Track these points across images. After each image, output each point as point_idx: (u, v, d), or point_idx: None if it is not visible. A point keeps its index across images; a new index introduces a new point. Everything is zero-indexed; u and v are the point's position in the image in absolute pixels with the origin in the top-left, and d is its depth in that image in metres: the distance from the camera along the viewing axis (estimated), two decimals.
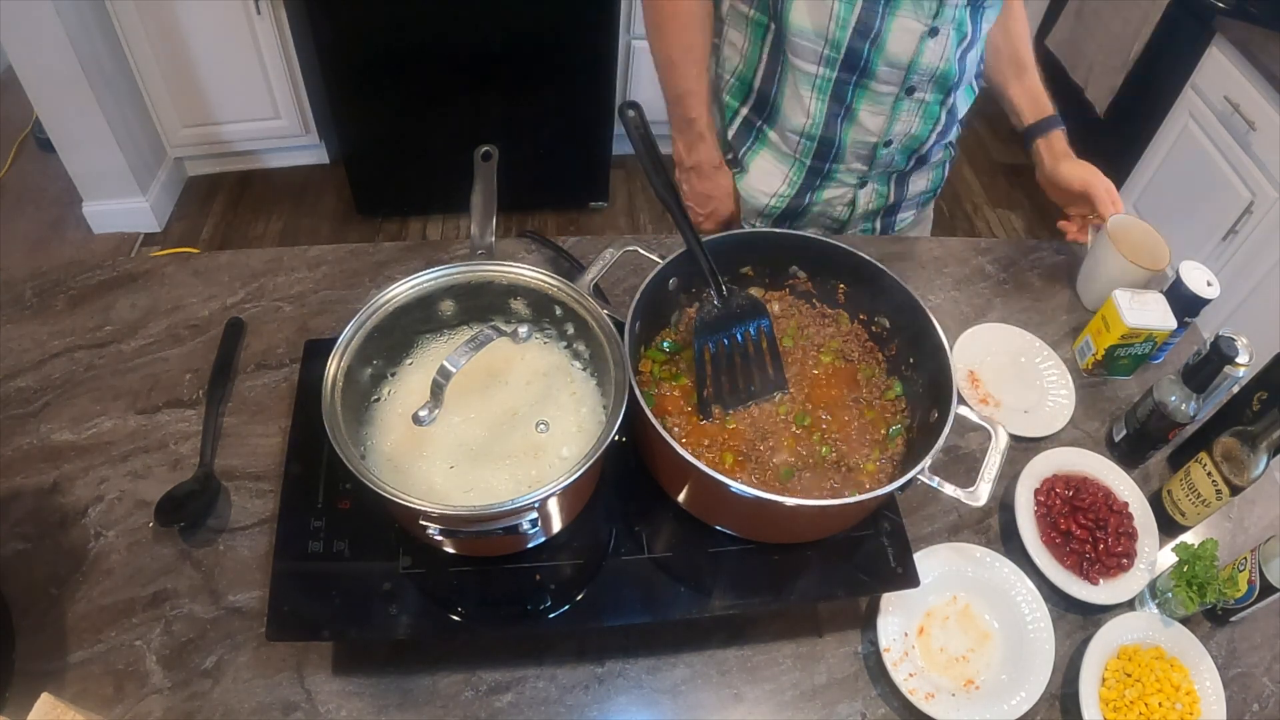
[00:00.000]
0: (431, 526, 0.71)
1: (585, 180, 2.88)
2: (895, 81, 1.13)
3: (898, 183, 1.31)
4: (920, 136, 1.22)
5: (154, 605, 0.84)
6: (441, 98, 2.50)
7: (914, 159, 1.27)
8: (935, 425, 0.80)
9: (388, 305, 0.80)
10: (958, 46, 1.12)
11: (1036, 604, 0.89)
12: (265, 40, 2.53)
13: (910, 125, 1.20)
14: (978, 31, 1.15)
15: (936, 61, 1.12)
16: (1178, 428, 1.00)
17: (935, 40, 1.09)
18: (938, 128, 1.22)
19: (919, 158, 1.27)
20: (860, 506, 0.78)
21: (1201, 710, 0.86)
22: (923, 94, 1.16)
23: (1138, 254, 1.16)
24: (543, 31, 2.38)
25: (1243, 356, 0.99)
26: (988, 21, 1.16)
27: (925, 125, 1.21)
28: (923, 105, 1.18)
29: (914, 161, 1.27)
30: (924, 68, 1.12)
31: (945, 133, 1.24)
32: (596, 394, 0.84)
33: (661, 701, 0.83)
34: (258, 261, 1.15)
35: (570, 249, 1.17)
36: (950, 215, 3.05)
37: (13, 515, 0.89)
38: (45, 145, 2.64)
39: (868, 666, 0.86)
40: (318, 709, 0.79)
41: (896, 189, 1.31)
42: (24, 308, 1.08)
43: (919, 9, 1.06)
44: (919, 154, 1.26)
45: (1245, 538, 1.03)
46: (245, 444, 0.96)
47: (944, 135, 1.25)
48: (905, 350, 0.92)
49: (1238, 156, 2.18)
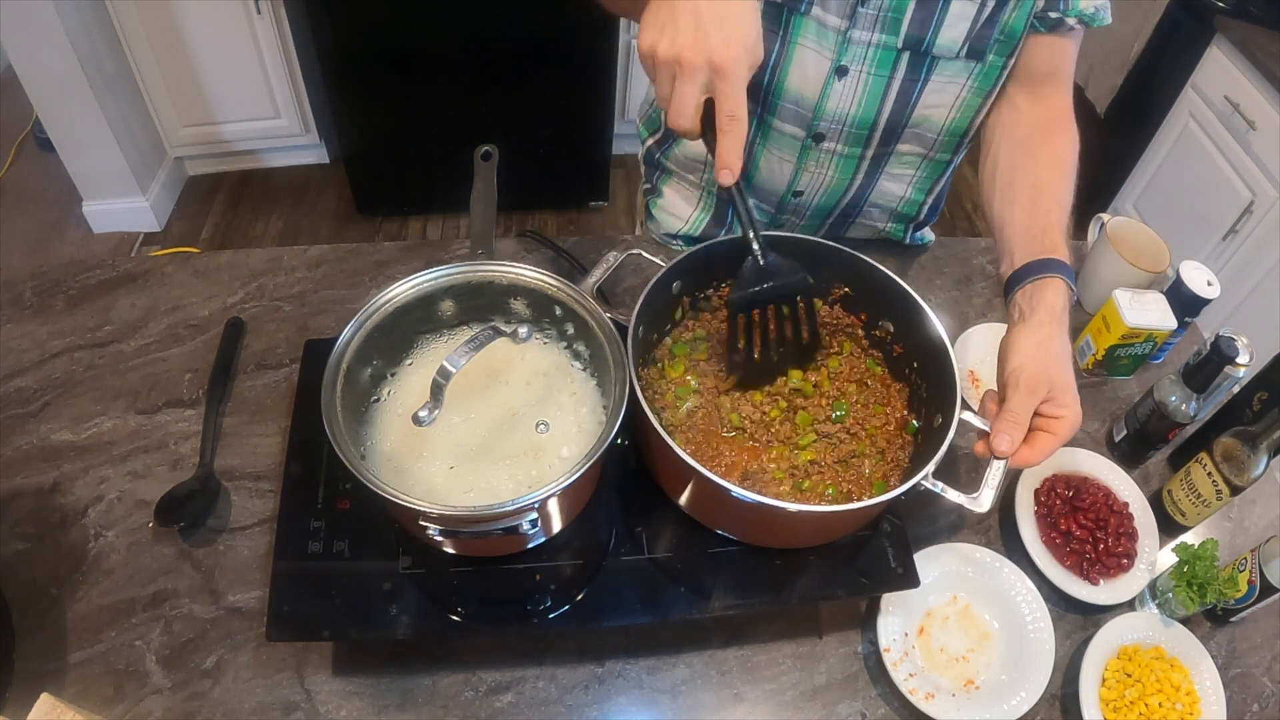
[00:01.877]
0: (431, 527, 0.70)
1: (585, 180, 2.88)
2: (800, 124, 1.00)
3: (829, 235, 1.16)
4: (837, 189, 1.08)
5: (154, 605, 0.84)
6: (441, 98, 2.50)
7: (835, 213, 1.14)
8: (939, 430, 0.80)
9: (388, 305, 0.80)
10: (880, 95, 0.96)
11: (1036, 604, 0.89)
12: (265, 40, 2.53)
13: (821, 179, 1.07)
14: (917, 90, 0.97)
15: (848, 107, 0.97)
16: (1178, 428, 1.00)
17: (844, 82, 0.95)
18: (857, 180, 1.07)
19: (843, 212, 1.14)
20: (863, 512, 0.78)
21: (1201, 710, 0.86)
22: (834, 144, 1.02)
23: (1138, 256, 1.16)
24: (543, 31, 2.38)
25: (1243, 356, 0.99)
26: (944, 88, 0.97)
27: (840, 178, 1.07)
28: (836, 157, 1.04)
29: (837, 216, 1.15)
30: (832, 113, 0.98)
31: (870, 186, 1.09)
32: (596, 394, 0.84)
33: (661, 701, 0.83)
34: (258, 261, 1.15)
35: (570, 249, 1.17)
36: (950, 215, 3.05)
37: (13, 515, 0.89)
38: (45, 145, 2.64)
39: (868, 666, 0.86)
40: (318, 709, 0.79)
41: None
42: (24, 308, 1.08)
43: (822, 40, 0.92)
44: (841, 208, 1.13)
45: (1245, 538, 1.03)
46: (245, 444, 0.96)
47: (869, 189, 1.09)
48: (909, 354, 0.92)
49: (1238, 156, 2.18)
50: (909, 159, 1.08)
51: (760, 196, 1.14)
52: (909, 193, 1.14)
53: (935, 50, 0.92)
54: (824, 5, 0.91)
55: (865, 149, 1.04)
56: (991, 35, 0.92)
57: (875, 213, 1.17)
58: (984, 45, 0.93)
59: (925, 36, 0.91)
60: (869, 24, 0.91)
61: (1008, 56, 0.95)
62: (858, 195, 1.12)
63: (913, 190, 1.14)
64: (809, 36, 0.93)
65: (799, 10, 0.91)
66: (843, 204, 1.13)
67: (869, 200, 1.14)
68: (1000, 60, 0.96)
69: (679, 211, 1.25)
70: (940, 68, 0.95)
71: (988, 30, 0.92)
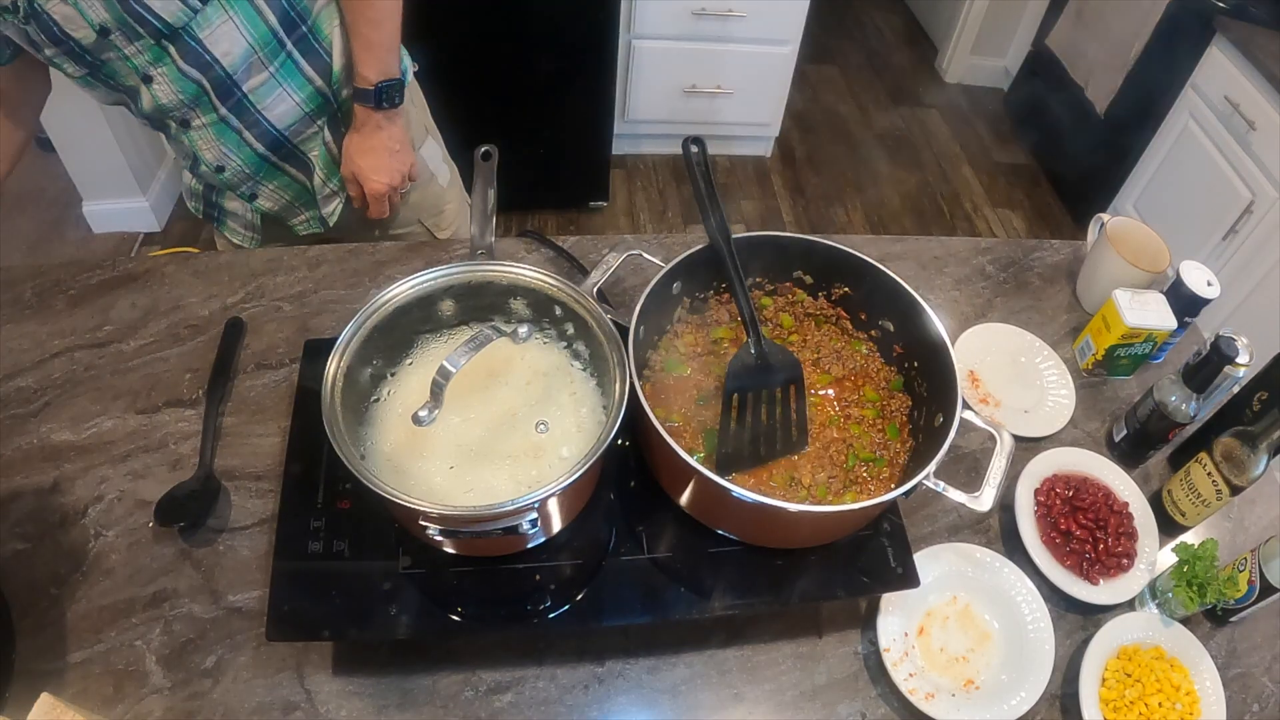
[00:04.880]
0: (431, 527, 0.71)
1: (585, 180, 2.87)
2: (157, 124, 1.10)
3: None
4: (250, 159, 1.13)
5: (154, 605, 0.84)
6: (441, 97, 2.50)
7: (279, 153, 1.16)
8: (940, 430, 0.80)
9: (388, 305, 0.80)
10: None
11: (1036, 604, 0.89)
12: None
13: (217, 151, 1.11)
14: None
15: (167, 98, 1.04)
16: (1178, 428, 1.00)
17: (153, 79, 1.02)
18: (248, 139, 1.11)
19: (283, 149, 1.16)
20: (864, 512, 0.78)
21: (1201, 710, 0.86)
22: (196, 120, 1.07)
23: (1138, 257, 1.16)
24: (543, 31, 2.38)
25: (1243, 356, 0.99)
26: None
27: (232, 145, 1.11)
28: (206, 129, 1.09)
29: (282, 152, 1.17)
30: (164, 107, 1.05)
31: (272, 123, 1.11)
32: (596, 394, 0.84)
33: (661, 701, 0.83)
34: (258, 261, 1.15)
35: (570, 249, 1.17)
36: (950, 215, 3.05)
37: (13, 515, 0.89)
38: (45, 145, 2.64)
39: (868, 666, 0.86)
40: (318, 709, 0.79)
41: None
42: (24, 308, 1.08)
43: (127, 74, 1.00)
44: (281, 150, 1.15)
45: (1245, 538, 1.03)
46: (245, 444, 0.96)
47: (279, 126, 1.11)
48: (909, 353, 0.92)
49: (1238, 156, 2.18)
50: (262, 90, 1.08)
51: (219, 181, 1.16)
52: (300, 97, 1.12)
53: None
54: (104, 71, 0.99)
55: (217, 112, 1.06)
56: None
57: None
58: None
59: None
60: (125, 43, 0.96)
61: None
62: (270, 138, 1.11)
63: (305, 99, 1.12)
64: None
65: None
66: (270, 149, 1.13)
67: (288, 123, 1.12)
68: None
69: None
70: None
71: None
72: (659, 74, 2.75)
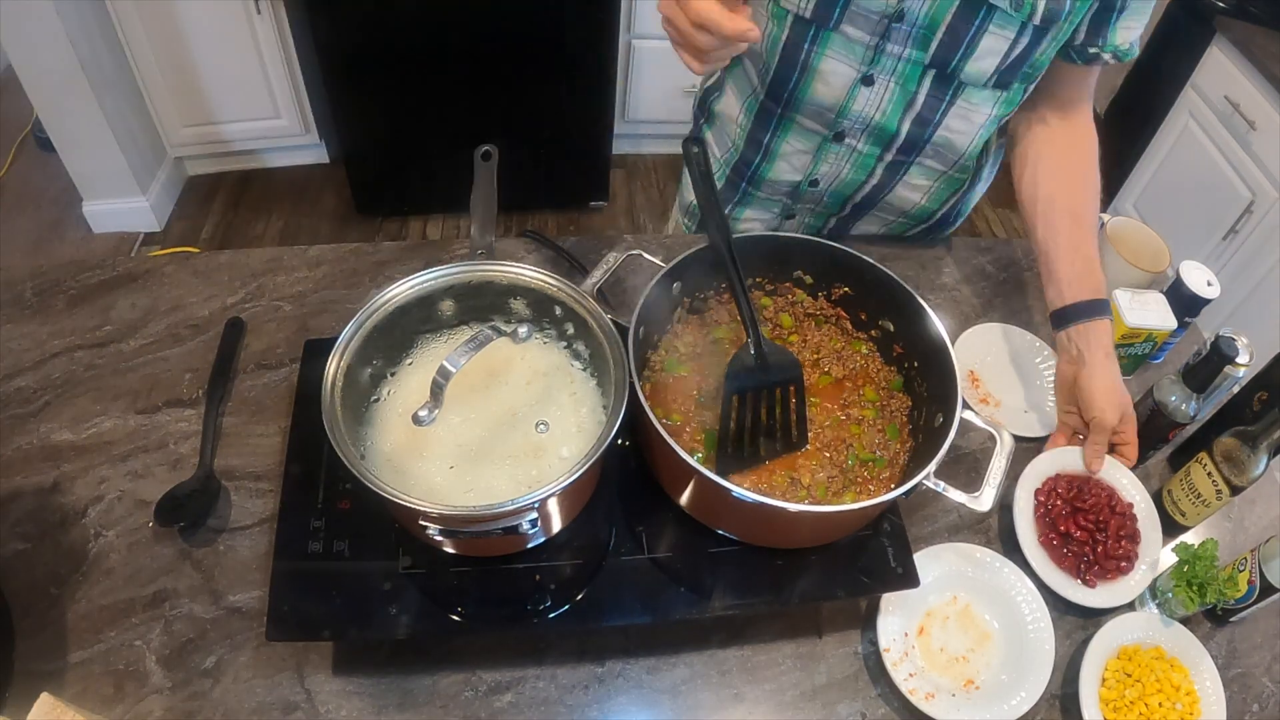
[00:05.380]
0: (431, 527, 0.71)
1: (585, 180, 2.88)
2: (823, 122, 1.06)
3: (837, 227, 1.23)
4: (853, 183, 1.13)
5: (154, 605, 0.84)
6: (442, 98, 2.50)
7: (849, 206, 1.18)
8: (940, 430, 0.80)
9: (388, 305, 0.80)
10: (903, 106, 1.01)
11: (1037, 604, 0.89)
12: (265, 40, 2.53)
13: (839, 170, 1.11)
14: (942, 108, 1.01)
15: (872, 113, 1.02)
16: (1178, 428, 1.00)
17: (871, 90, 1.00)
18: (873, 180, 1.12)
19: (856, 206, 1.18)
20: (864, 512, 0.78)
21: (1201, 710, 0.86)
22: (854, 142, 1.07)
23: (1138, 257, 1.16)
24: (543, 31, 2.38)
25: (1243, 356, 0.99)
26: (969, 113, 1.02)
27: (856, 174, 1.11)
28: (855, 154, 1.09)
29: (850, 209, 1.19)
30: (855, 115, 1.03)
31: (887, 188, 1.13)
32: (596, 394, 0.84)
33: (661, 701, 0.83)
34: (258, 261, 1.15)
35: (570, 249, 1.17)
36: None
37: (13, 515, 0.89)
38: (45, 145, 2.64)
39: (868, 666, 0.86)
40: (318, 709, 0.79)
41: (836, 229, 1.24)
42: (24, 308, 1.08)
43: (850, 52, 0.97)
44: (855, 202, 1.17)
45: (1245, 538, 1.03)
46: (245, 444, 0.96)
47: (886, 190, 1.14)
48: (909, 353, 0.92)
49: (1238, 156, 2.19)
50: (928, 170, 1.13)
51: (776, 187, 1.17)
52: (924, 200, 1.18)
53: (963, 76, 0.97)
54: (853, 23, 0.94)
55: (885, 151, 1.08)
56: (1020, 69, 0.97)
57: (889, 211, 1.20)
58: (1012, 78, 0.98)
59: (952, 60, 0.96)
60: (901, 39, 0.95)
61: (1031, 83, 1.02)
62: (873, 194, 1.16)
63: (928, 199, 1.18)
64: (836, 48, 0.98)
65: (828, 26, 0.96)
66: (856, 198, 1.17)
67: (883, 200, 1.17)
68: (1023, 87, 1.01)
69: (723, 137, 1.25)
70: (967, 93, 1.00)
71: (1017, 65, 0.96)
72: (659, 74, 2.75)
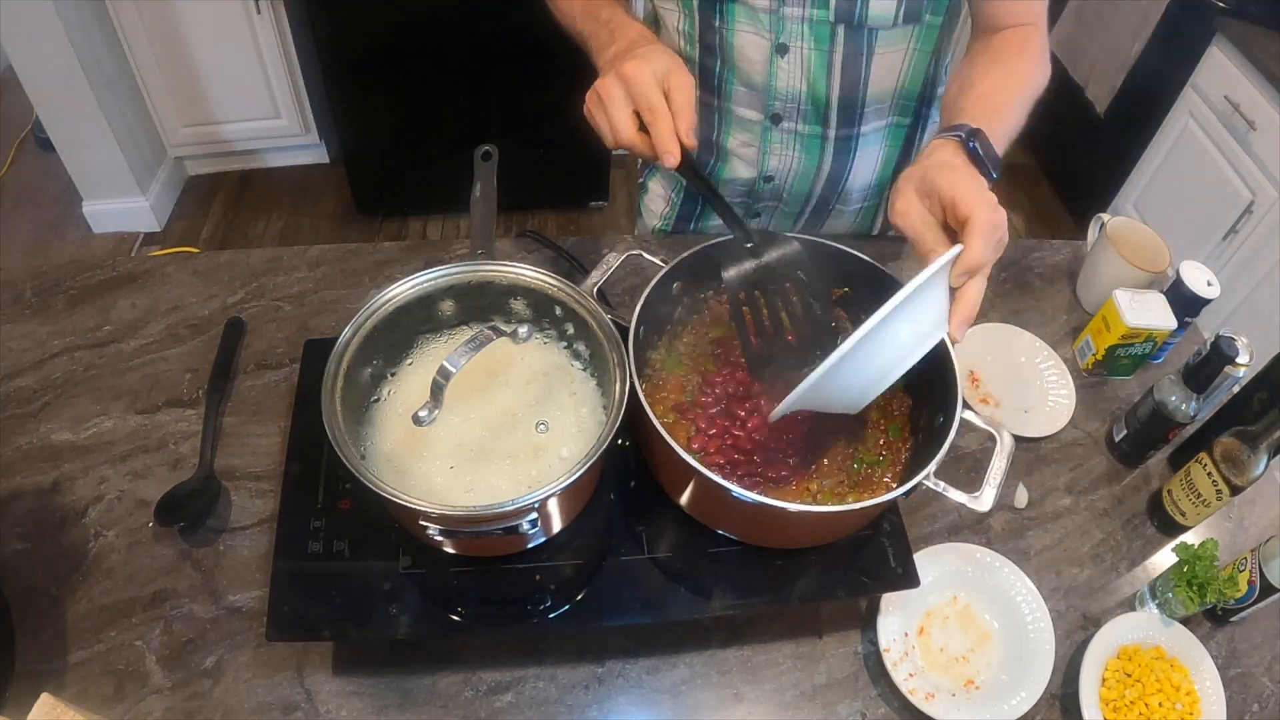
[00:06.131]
0: (431, 527, 0.71)
1: (585, 180, 2.87)
2: (756, 106, 1.03)
3: (804, 231, 1.15)
4: (806, 174, 1.09)
5: (154, 605, 0.84)
6: (441, 97, 2.50)
7: (812, 203, 1.14)
8: (940, 430, 0.80)
9: (388, 305, 0.80)
10: (825, 70, 0.98)
11: (1037, 604, 0.89)
12: (265, 40, 2.53)
13: (789, 162, 1.08)
14: (864, 63, 0.98)
15: (798, 84, 0.99)
16: (1178, 428, 1.00)
17: (787, 59, 0.97)
18: (825, 167, 1.08)
19: (820, 201, 1.14)
20: (864, 512, 0.78)
21: (1201, 710, 0.86)
22: (792, 124, 1.04)
23: (1138, 257, 1.16)
24: (543, 31, 2.37)
25: (1243, 356, 0.98)
26: (888, 56, 0.97)
27: (808, 161, 1.08)
28: (798, 137, 1.06)
29: (813, 208, 1.15)
30: (783, 92, 1.00)
31: (843, 174, 1.09)
32: (596, 394, 0.84)
33: (661, 701, 0.83)
34: (258, 261, 1.15)
35: (570, 249, 1.17)
36: None
37: (13, 515, 0.89)
38: (45, 145, 2.64)
39: (868, 666, 0.86)
40: (318, 709, 0.79)
41: (807, 232, 1.13)
42: (24, 308, 1.08)
43: (756, 21, 0.95)
44: (819, 198, 1.13)
45: (1245, 538, 1.03)
46: (245, 444, 0.96)
47: (842, 177, 1.10)
48: None
49: (1238, 156, 2.18)
50: (872, 136, 1.10)
51: (733, 187, 1.15)
52: (879, 171, 1.15)
53: (870, 21, 0.94)
54: None
55: (825, 128, 1.06)
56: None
57: (854, 196, 1.17)
58: (918, 8, 0.95)
59: (854, 9, 0.93)
60: (799, 0, 0.93)
61: (945, 12, 0.98)
62: (832, 181, 1.12)
63: (881, 168, 1.15)
64: (744, 20, 0.97)
65: None
66: (817, 190, 1.14)
67: (845, 186, 1.14)
68: (939, 18, 0.98)
69: (655, 207, 1.29)
70: (881, 39, 0.97)
71: None
72: None
